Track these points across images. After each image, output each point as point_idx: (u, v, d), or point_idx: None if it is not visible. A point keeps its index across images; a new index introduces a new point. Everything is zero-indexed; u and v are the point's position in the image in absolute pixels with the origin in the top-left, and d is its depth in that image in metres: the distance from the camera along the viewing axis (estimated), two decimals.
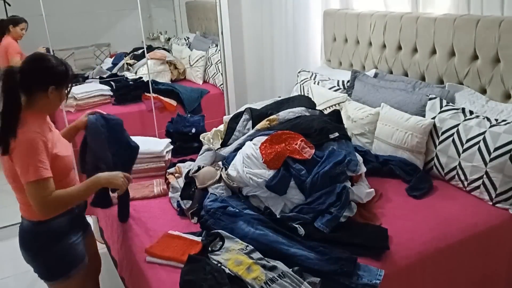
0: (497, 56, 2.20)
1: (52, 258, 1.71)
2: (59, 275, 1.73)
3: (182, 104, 3.82)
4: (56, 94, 1.62)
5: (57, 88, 1.61)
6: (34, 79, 1.58)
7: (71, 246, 1.74)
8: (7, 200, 3.54)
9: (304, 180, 1.91)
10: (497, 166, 1.95)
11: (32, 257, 1.72)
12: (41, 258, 1.71)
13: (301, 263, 1.58)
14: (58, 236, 1.70)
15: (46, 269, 1.73)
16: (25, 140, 1.52)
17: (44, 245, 1.69)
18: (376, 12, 2.91)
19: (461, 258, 1.85)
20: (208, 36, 4.39)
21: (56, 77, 1.61)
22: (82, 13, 3.88)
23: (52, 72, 1.60)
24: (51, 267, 1.73)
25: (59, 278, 1.74)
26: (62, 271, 1.73)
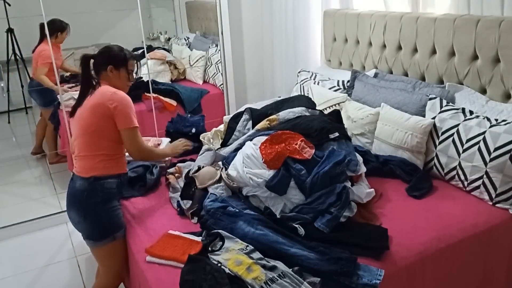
0: (497, 56, 2.20)
1: (102, 216, 1.94)
2: (106, 234, 1.95)
3: (182, 104, 3.81)
4: (115, 73, 2.01)
5: (115, 67, 2.00)
6: (99, 60, 2.02)
7: (116, 210, 1.99)
8: (6, 200, 3.56)
9: (304, 180, 1.91)
10: (497, 166, 1.95)
11: (84, 215, 1.93)
12: (92, 216, 1.94)
13: (301, 263, 1.58)
14: (108, 196, 1.96)
15: (95, 227, 1.95)
16: (124, 96, 1.95)
17: (97, 202, 1.93)
18: (376, 12, 2.91)
19: (461, 258, 1.85)
20: (208, 36, 4.39)
21: (113, 59, 2.01)
22: (82, 13, 3.88)
23: (111, 55, 2.02)
24: (100, 225, 1.95)
25: (106, 237, 1.95)
26: (109, 231, 1.96)
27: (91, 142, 1.94)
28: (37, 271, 2.70)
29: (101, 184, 1.94)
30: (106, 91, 1.94)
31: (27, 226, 3.11)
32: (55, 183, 3.78)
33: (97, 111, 1.91)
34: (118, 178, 2.01)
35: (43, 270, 2.71)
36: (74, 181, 1.98)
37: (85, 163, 1.95)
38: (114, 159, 1.99)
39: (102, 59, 2.02)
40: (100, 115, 1.91)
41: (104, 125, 1.92)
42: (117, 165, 2.00)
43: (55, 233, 3.08)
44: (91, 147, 1.94)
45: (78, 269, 2.70)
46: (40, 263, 2.77)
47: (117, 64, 2.01)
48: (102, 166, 1.94)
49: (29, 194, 3.63)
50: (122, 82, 2.04)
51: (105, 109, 1.90)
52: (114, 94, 1.93)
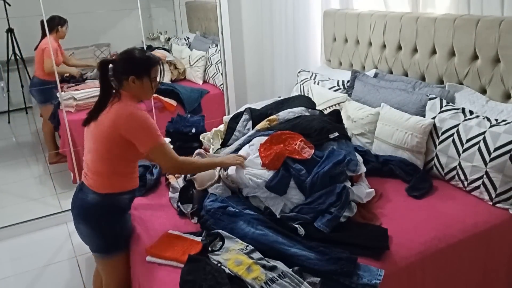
0: (497, 56, 2.20)
1: (115, 230, 1.88)
2: (117, 247, 1.91)
3: (182, 104, 3.81)
4: (138, 83, 1.82)
5: (138, 77, 1.81)
6: (119, 69, 1.83)
7: (127, 223, 1.95)
8: (6, 200, 3.56)
9: (304, 180, 1.91)
10: (497, 166, 1.95)
11: (95, 229, 1.85)
12: (104, 231, 1.86)
13: (301, 263, 1.58)
14: (120, 211, 1.90)
15: (107, 241, 1.88)
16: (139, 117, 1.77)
17: (110, 218, 1.86)
18: (376, 12, 2.91)
19: (461, 258, 1.85)
20: (208, 36, 4.39)
21: (135, 68, 1.81)
22: (82, 13, 3.88)
23: (133, 64, 1.82)
24: (112, 239, 1.89)
25: (114, 252, 1.90)
26: (121, 244, 1.91)
27: (108, 164, 1.81)
28: (37, 271, 2.70)
29: (116, 199, 1.86)
30: (122, 112, 1.76)
31: (27, 226, 3.11)
32: (55, 183, 3.78)
33: (113, 137, 1.76)
34: (132, 193, 1.93)
35: (43, 270, 2.71)
36: (84, 192, 1.85)
37: (100, 180, 1.83)
38: (130, 176, 1.90)
39: (123, 67, 1.83)
40: (116, 141, 1.77)
41: (121, 150, 1.79)
42: (131, 181, 1.91)
43: (55, 233, 3.08)
44: (108, 168, 1.82)
45: (78, 269, 2.70)
46: (40, 263, 2.77)
47: (139, 74, 1.81)
48: (118, 185, 1.85)
49: (29, 194, 3.63)
50: (145, 91, 1.86)
51: (121, 135, 1.75)
52: (129, 116, 1.75)
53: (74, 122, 3.37)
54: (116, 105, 1.78)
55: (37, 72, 3.65)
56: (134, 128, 1.75)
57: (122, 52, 1.87)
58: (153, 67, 1.84)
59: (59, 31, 3.62)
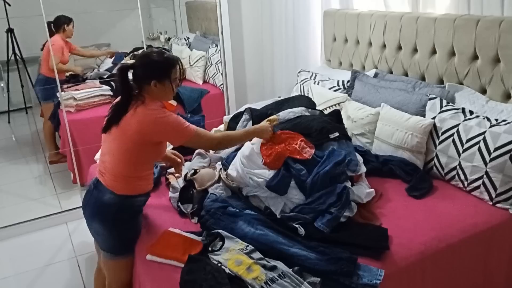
0: (497, 56, 2.20)
1: (129, 232, 1.88)
2: (129, 249, 1.88)
3: (182, 104, 3.81)
4: (160, 87, 1.81)
5: (159, 81, 1.80)
6: (140, 74, 1.81)
7: (140, 225, 1.93)
8: (6, 200, 3.56)
9: (304, 180, 1.91)
10: (497, 166, 1.95)
11: (110, 229, 1.84)
12: (119, 231, 1.85)
13: (301, 263, 1.58)
14: (135, 213, 1.89)
15: (120, 242, 1.87)
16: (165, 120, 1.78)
17: (125, 219, 1.85)
18: (376, 12, 2.91)
19: (461, 258, 1.85)
20: (208, 36, 4.39)
21: (156, 73, 1.80)
22: (82, 13, 3.88)
23: (153, 68, 1.81)
24: (125, 240, 1.87)
25: (127, 252, 1.88)
26: (130, 246, 1.88)
27: (129, 167, 1.81)
28: (37, 271, 2.70)
29: (133, 201, 1.86)
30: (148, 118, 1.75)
31: (27, 226, 3.11)
32: (55, 183, 3.78)
33: (141, 141, 1.77)
34: (145, 196, 1.93)
35: (43, 270, 2.71)
36: (101, 191, 1.83)
37: (119, 181, 1.82)
38: (147, 178, 1.90)
39: (143, 72, 1.81)
40: (144, 144, 1.78)
41: (146, 152, 1.81)
42: (148, 183, 1.91)
43: (55, 233, 3.08)
44: (128, 171, 1.81)
45: (78, 269, 2.70)
46: (40, 263, 2.77)
47: (160, 78, 1.80)
48: (137, 187, 1.86)
49: (29, 194, 3.63)
50: (167, 93, 1.86)
51: (150, 139, 1.77)
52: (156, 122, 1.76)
53: (74, 122, 3.38)
54: (141, 109, 1.77)
55: (43, 69, 3.68)
56: (163, 132, 1.79)
57: (140, 56, 1.87)
58: (173, 69, 1.83)
59: (65, 30, 3.67)
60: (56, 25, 3.59)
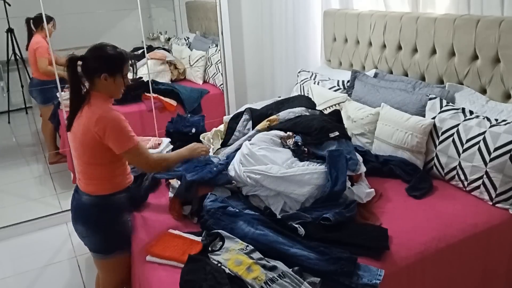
0: (497, 56, 2.20)
1: (114, 231, 1.88)
2: (116, 248, 1.89)
3: (182, 104, 3.81)
4: (110, 81, 1.78)
5: (110, 75, 1.76)
6: (90, 66, 1.76)
7: (126, 223, 1.92)
8: (6, 200, 3.56)
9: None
10: (497, 166, 1.95)
11: (93, 230, 1.85)
12: (103, 231, 1.86)
13: (301, 263, 1.58)
14: (118, 212, 1.88)
15: (106, 241, 1.88)
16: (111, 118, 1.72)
17: (108, 218, 1.85)
18: (376, 12, 2.91)
19: (461, 258, 1.85)
20: (208, 36, 4.39)
21: (107, 65, 1.76)
22: (82, 13, 3.88)
23: (105, 61, 1.76)
24: (111, 240, 1.88)
25: (114, 251, 1.89)
26: (120, 244, 1.89)
27: (92, 169, 1.81)
28: (37, 271, 2.70)
29: (111, 200, 1.85)
30: (92, 116, 1.72)
31: (27, 226, 3.11)
32: (55, 183, 3.78)
33: (88, 142, 1.74)
34: (126, 191, 1.91)
35: (43, 270, 2.71)
36: (80, 194, 1.86)
37: (92, 184, 1.83)
38: (118, 176, 1.87)
39: (94, 64, 1.76)
40: (92, 145, 1.74)
41: (98, 153, 1.77)
42: (122, 180, 1.89)
43: (55, 233, 3.08)
44: (93, 174, 1.81)
45: (78, 269, 2.70)
46: (40, 263, 2.77)
47: (112, 72, 1.77)
48: (108, 187, 1.84)
49: (29, 194, 3.63)
50: (117, 89, 1.82)
51: (95, 138, 1.72)
52: (99, 120, 1.71)
53: None
54: (86, 109, 1.75)
55: (35, 73, 3.64)
56: (105, 131, 1.71)
57: (92, 48, 1.79)
58: (126, 64, 1.80)
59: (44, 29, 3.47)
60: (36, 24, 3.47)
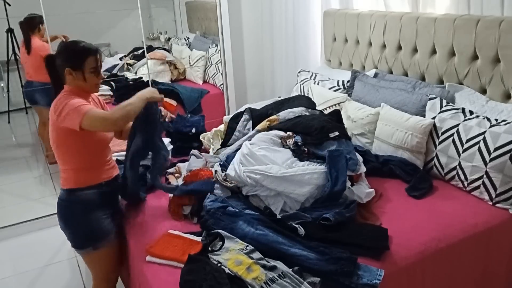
0: (497, 56, 2.20)
1: (81, 226, 1.88)
2: (86, 244, 1.90)
3: (182, 104, 3.81)
4: (76, 75, 1.80)
5: (73, 69, 1.79)
6: (58, 62, 1.82)
7: (98, 220, 1.89)
8: (6, 200, 3.56)
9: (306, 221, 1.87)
10: (497, 166, 1.95)
11: (65, 224, 1.89)
12: (71, 226, 1.89)
13: (301, 263, 1.58)
14: (87, 207, 1.87)
15: (75, 237, 1.91)
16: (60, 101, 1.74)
17: (75, 213, 1.87)
18: (376, 12, 2.91)
19: (461, 258, 1.85)
20: (208, 36, 4.39)
21: (68, 60, 1.80)
22: (82, 13, 3.88)
23: (68, 55, 1.81)
24: (79, 236, 1.90)
25: (87, 247, 1.90)
26: (89, 241, 1.89)
27: (60, 157, 1.85)
28: (37, 271, 2.70)
29: (77, 195, 1.86)
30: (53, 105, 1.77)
31: (27, 226, 3.11)
32: (55, 183, 3.77)
33: (52, 128, 1.79)
34: (98, 188, 1.89)
35: (43, 270, 2.71)
36: (61, 189, 1.92)
37: (65, 176, 1.87)
38: (87, 171, 1.87)
39: (58, 60, 1.82)
40: (55, 131, 1.78)
41: (62, 139, 1.79)
42: (92, 176, 1.88)
43: (55, 233, 3.05)
44: (61, 162, 1.86)
45: (78, 269, 2.70)
46: (40, 263, 2.77)
47: (73, 66, 1.79)
48: (73, 179, 1.85)
49: (29, 194, 3.63)
50: (85, 83, 1.82)
51: (54, 123, 1.76)
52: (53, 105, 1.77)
53: None
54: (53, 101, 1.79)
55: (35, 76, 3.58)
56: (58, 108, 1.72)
57: (59, 45, 1.89)
58: (88, 57, 1.79)
59: (41, 30, 3.53)
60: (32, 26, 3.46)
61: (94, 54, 1.81)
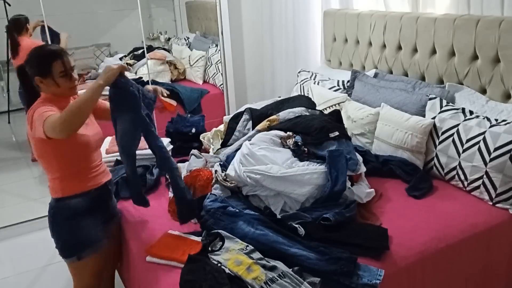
0: (497, 56, 2.20)
1: (65, 235, 1.82)
2: (70, 253, 1.83)
3: (182, 104, 3.82)
4: (47, 82, 1.70)
5: (42, 77, 1.69)
6: (28, 73, 1.73)
7: (85, 228, 1.83)
8: (7, 200, 3.56)
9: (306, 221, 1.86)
10: (497, 166, 1.95)
11: (52, 231, 1.84)
12: (57, 234, 1.83)
13: (301, 263, 1.58)
14: (73, 216, 1.80)
15: (60, 245, 1.84)
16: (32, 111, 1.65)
17: (60, 222, 1.81)
18: (376, 12, 2.91)
19: (461, 258, 1.85)
20: (208, 36, 4.40)
21: (35, 69, 1.70)
22: (82, 13, 3.89)
23: (33, 64, 1.71)
24: (63, 244, 1.83)
25: (71, 256, 1.83)
26: (73, 250, 1.83)
27: (43, 167, 1.79)
28: (37, 271, 2.70)
29: (65, 204, 1.79)
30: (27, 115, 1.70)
31: (27, 226, 3.11)
32: None
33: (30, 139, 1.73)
34: (86, 195, 1.81)
35: (43, 270, 2.71)
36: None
37: (52, 185, 1.80)
38: (71, 179, 1.78)
39: (28, 70, 1.72)
40: (33, 142, 1.71)
41: (40, 149, 1.72)
42: (78, 184, 1.80)
43: None
44: (46, 171, 1.79)
45: None
46: (40, 263, 2.77)
47: (41, 73, 1.69)
48: (60, 188, 1.78)
49: (29, 194, 3.63)
50: (62, 88, 1.72)
51: (29, 134, 1.69)
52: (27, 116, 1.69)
53: None
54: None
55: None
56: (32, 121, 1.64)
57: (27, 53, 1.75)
58: (53, 62, 1.68)
59: (28, 29, 3.52)
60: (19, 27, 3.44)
61: (60, 57, 1.69)
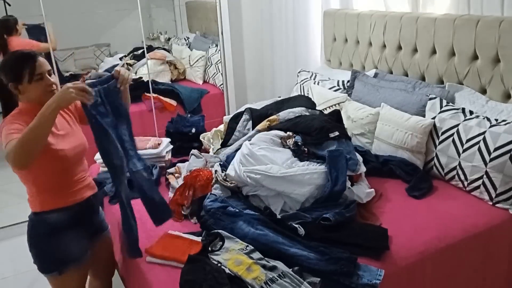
0: (497, 56, 2.20)
1: (43, 250, 1.74)
2: (49, 269, 1.75)
3: (182, 104, 3.82)
4: (23, 88, 1.62)
5: (16, 83, 1.61)
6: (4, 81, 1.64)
7: (66, 243, 1.74)
8: (7, 200, 3.56)
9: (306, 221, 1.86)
10: (497, 166, 1.95)
11: (29, 246, 1.75)
12: (34, 249, 1.74)
13: (301, 263, 1.58)
14: (53, 231, 1.71)
15: (38, 260, 1.76)
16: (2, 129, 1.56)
17: (38, 237, 1.73)
18: (376, 12, 2.91)
19: (461, 258, 1.85)
20: (208, 36, 4.40)
21: (10, 74, 1.62)
22: (82, 13, 3.88)
23: (6, 71, 1.63)
24: (42, 260, 1.75)
25: (50, 272, 1.75)
26: (52, 265, 1.74)
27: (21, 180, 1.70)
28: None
29: (44, 218, 1.70)
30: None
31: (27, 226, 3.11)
32: None
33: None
34: (67, 210, 1.72)
35: None
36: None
37: (31, 199, 1.73)
38: (50, 194, 1.69)
39: (3, 78, 1.63)
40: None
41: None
42: (58, 199, 1.70)
43: None
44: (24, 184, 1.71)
45: None
46: None
47: (15, 80, 1.60)
48: (38, 202, 1.70)
49: None
50: (39, 92, 1.62)
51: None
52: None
53: None
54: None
55: None
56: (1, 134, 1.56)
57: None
58: (27, 67, 1.59)
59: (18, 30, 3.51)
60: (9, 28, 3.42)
61: (32, 61, 1.60)
